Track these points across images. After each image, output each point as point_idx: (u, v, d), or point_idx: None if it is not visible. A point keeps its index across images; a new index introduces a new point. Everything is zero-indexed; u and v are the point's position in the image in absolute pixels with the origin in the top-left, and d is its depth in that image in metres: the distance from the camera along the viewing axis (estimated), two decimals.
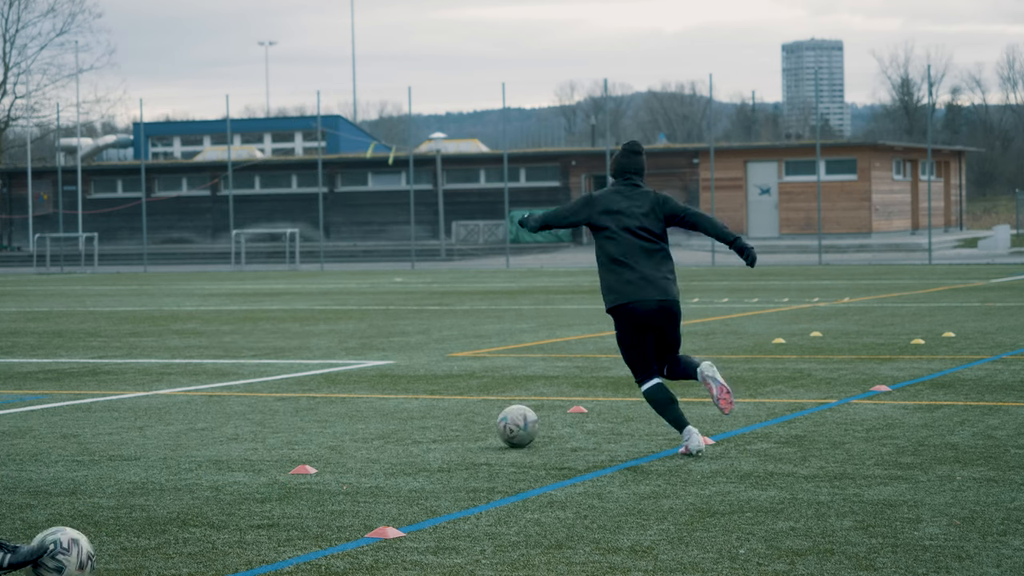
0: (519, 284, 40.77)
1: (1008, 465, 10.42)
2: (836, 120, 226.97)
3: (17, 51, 79.90)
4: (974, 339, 20.54)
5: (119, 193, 75.35)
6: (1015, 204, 78.63)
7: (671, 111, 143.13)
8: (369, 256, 65.97)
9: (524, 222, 11.60)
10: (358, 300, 33.71)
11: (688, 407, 13.80)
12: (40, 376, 17.60)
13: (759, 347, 19.89)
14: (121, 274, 56.78)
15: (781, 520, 8.68)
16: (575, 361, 18.34)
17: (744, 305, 29.27)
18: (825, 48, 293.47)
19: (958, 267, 48.20)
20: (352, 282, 44.26)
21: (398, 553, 8.02)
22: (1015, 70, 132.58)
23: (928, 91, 69.77)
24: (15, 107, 79.43)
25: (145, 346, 21.62)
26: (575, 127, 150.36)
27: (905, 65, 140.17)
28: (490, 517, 8.90)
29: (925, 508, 8.96)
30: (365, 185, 73.77)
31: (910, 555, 7.79)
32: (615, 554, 7.92)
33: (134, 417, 13.69)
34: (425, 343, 21.37)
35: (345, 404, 14.44)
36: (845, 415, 13.11)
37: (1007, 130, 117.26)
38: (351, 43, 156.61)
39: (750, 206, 67.69)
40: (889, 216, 68.76)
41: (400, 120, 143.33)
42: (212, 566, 7.83)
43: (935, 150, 74.07)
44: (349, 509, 9.23)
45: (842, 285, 36.99)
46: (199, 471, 10.71)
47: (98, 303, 34.28)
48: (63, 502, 9.57)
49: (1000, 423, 12.46)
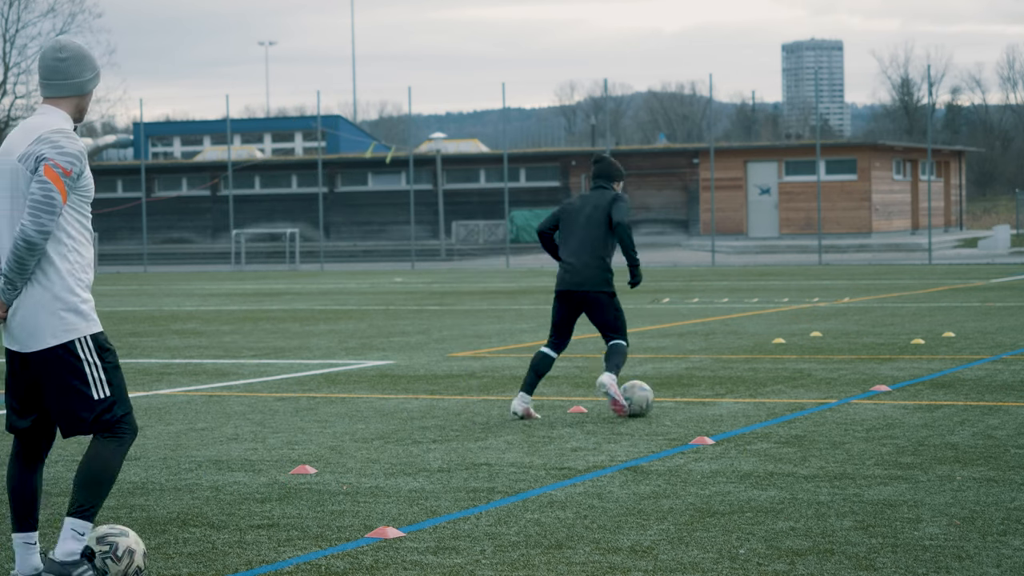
0: (519, 284, 40.77)
1: (1008, 465, 10.42)
2: (836, 120, 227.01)
3: (17, 51, 79.86)
4: (974, 339, 20.54)
5: (119, 193, 75.37)
6: (1015, 204, 78.64)
7: (671, 111, 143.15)
8: (369, 256, 65.98)
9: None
10: (358, 300, 33.71)
11: (688, 407, 13.81)
12: None
13: (759, 347, 19.89)
14: (121, 274, 56.79)
15: (781, 520, 8.68)
16: (575, 361, 18.34)
17: (744, 305, 29.27)
18: (825, 48, 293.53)
19: (958, 267, 48.21)
20: (352, 282, 44.26)
21: (398, 553, 8.02)
22: (1015, 70, 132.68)
23: (928, 91, 69.78)
24: (15, 107, 79.44)
25: (145, 346, 21.62)
26: (575, 127, 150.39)
27: (905, 65, 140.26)
28: (490, 517, 8.90)
29: (925, 508, 8.96)
30: (365, 185, 73.78)
31: (910, 555, 7.79)
32: (615, 554, 7.92)
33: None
34: (425, 343, 21.38)
35: (345, 404, 14.44)
36: (845, 415, 13.11)
37: (1007, 130, 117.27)
38: (351, 43, 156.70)
39: (750, 206, 67.69)
40: (889, 216, 68.76)
41: (400, 120, 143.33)
42: (212, 566, 7.83)
43: (935, 150, 74.08)
44: (349, 509, 9.23)
45: (842, 285, 37.00)
46: (199, 471, 10.71)
47: (98, 303, 34.19)
48: (63, 502, 9.57)
49: (1000, 423, 12.46)
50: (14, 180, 7.06)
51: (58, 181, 6.95)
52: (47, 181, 6.94)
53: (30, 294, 7.05)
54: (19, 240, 6.94)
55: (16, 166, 7.05)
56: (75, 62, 7.19)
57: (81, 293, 7.08)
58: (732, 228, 66.78)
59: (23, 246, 6.93)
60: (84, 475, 7.09)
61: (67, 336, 7.04)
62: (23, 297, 7.05)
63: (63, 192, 6.98)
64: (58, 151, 6.99)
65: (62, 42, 7.20)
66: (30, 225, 6.93)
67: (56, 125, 7.10)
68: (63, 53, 7.17)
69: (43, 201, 6.94)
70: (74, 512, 7.06)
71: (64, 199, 7.01)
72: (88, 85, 7.22)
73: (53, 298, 7.04)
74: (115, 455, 7.11)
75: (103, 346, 7.13)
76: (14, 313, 7.07)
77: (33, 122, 7.16)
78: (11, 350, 7.16)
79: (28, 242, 6.93)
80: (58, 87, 7.19)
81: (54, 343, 7.03)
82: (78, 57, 7.19)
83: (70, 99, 7.21)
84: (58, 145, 7.01)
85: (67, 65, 7.18)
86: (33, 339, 7.05)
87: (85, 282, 7.12)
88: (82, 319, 7.07)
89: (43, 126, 7.11)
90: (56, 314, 7.03)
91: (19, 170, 7.04)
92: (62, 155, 6.99)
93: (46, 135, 7.04)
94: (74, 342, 7.06)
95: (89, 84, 7.22)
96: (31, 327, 7.06)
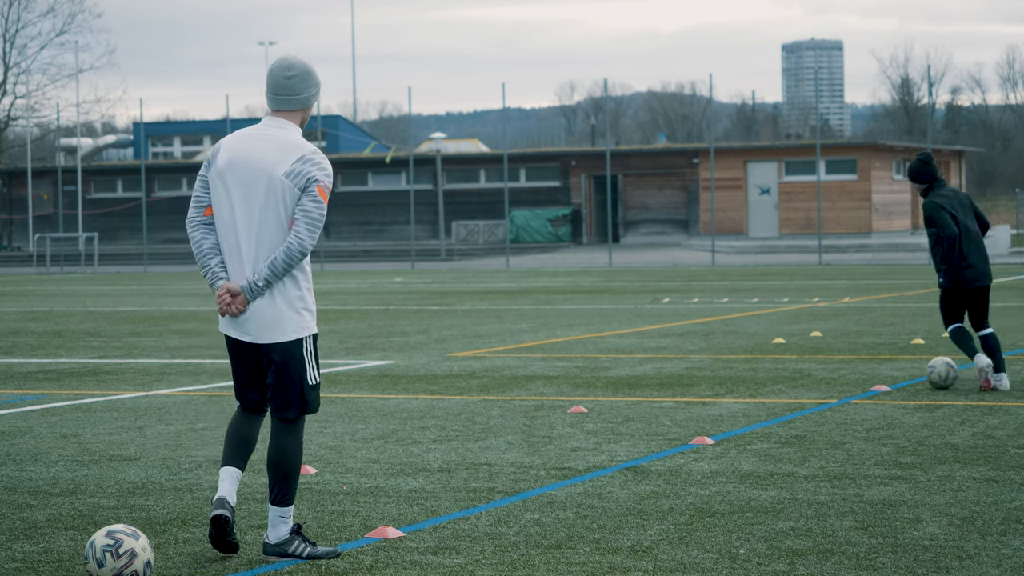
0: (519, 284, 40.78)
1: (1008, 465, 10.42)
2: (836, 120, 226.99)
3: (17, 51, 79.92)
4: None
5: (119, 193, 75.36)
6: (1015, 204, 78.66)
7: (671, 111, 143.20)
8: (369, 256, 65.97)
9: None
10: (358, 300, 33.72)
11: (688, 406, 13.81)
12: (40, 376, 17.60)
13: (759, 347, 19.89)
14: (121, 274, 56.80)
15: (781, 520, 8.69)
16: (575, 361, 18.34)
17: (744, 305, 29.27)
18: (825, 48, 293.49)
19: None
20: (352, 282, 44.27)
21: (398, 553, 8.02)
22: (1015, 70, 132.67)
23: (928, 91, 69.81)
24: (15, 107, 79.46)
25: (145, 346, 21.62)
26: (575, 127, 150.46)
27: (905, 65, 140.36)
28: (490, 517, 8.91)
29: (925, 508, 8.96)
30: (365, 185, 73.77)
31: (910, 555, 7.79)
32: (615, 554, 7.92)
33: (134, 417, 13.70)
34: (425, 343, 21.38)
35: (345, 404, 14.44)
36: (845, 415, 13.11)
37: (1007, 130, 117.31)
38: (351, 43, 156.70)
39: (750, 206, 67.70)
40: (889, 216, 68.77)
41: (400, 120, 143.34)
42: (212, 566, 7.83)
43: (935, 150, 74.07)
44: (349, 509, 9.23)
45: (842, 285, 37.00)
46: (199, 471, 10.71)
47: (98, 303, 34.28)
48: (63, 502, 9.57)
49: (1000, 423, 12.47)
50: (273, 192, 7.81)
51: (326, 199, 7.83)
52: (321, 201, 7.80)
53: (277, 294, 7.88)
54: (295, 251, 7.76)
55: (282, 181, 7.80)
56: (301, 79, 7.94)
57: (310, 296, 7.98)
58: (732, 228, 66.78)
59: (298, 255, 7.78)
60: (277, 464, 7.94)
61: (302, 333, 7.90)
62: (269, 295, 7.87)
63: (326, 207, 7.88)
64: (325, 173, 7.83)
65: (289, 60, 7.96)
66: (308, 237, 7.78)
67: (308, 144, 7.88)
68: (291, 72, 7.92)
69: (318, 218, 7.80)
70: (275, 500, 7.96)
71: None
72: (312, 100, 8.00)
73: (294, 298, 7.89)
74: (300, 441, 7.99)
75: (317, 344, 8.03)
76: (255, 309, 7.88)
77: (278, 136, 7.89)
78: (238, 339, 7.96)
79: (303, 252, 7.79)
80: (288, 102, 7.95)
81: (292, 338, 7.88)
82: (304, 74, 7.94)
83: (296, 112, 7.98)
84: (323, 168, 7.84)
85: (294, 83, 7.93)
86: (272, 333, 7.87)
87: (311, 282, 8.00)
88: (312, 319, 7.97)
89: (298, 144, 7.85)
90: (295, 313, 7.89)
91: (285, 186, 7.80)
92: (327, 176, 7.85)
93: (309, 156, 7.82)
94: (304, 339, 7.92)
95: (312, 99, 8.01)
96: (270, 322, 7.87)
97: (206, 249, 7.94)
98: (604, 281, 40.92)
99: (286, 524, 7.95)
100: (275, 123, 7.93)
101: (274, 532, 7.94)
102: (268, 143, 7.85)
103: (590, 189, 70.48)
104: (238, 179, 7.83)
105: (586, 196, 70.31)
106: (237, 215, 7.84)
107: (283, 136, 7.87)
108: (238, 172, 7.84)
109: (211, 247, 7.94)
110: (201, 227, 7.98)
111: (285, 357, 7.89)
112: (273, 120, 7.95)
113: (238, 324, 7.93)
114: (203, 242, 7.96)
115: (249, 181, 7.81)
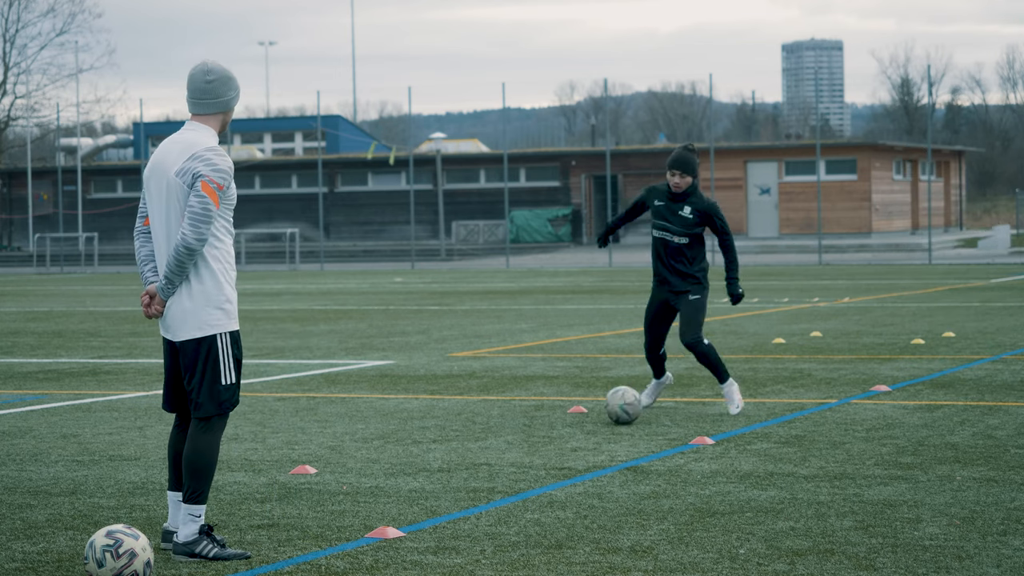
0: (519, 284, 40.78)
1: (1008, 465, 10.42)
2: (836, 120, 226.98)
3: (17, 51, 79.92)
4: (974, 339, 20.54)
5: (119, 193, 75.37)
6: (1015, 204, 78.64)
7: (671, 111, 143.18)
8: (369, 256, 65.96)
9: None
10: (358, 300, 33.72)
11: (688, 406, 13.81)
12: (40, 376, 17.60)
13: (759, 347, 19.89)
14: (121, 274, 56.78)
15: (781, 520, 8.69)
16: (575, 361, 18.34)
17: (744, 305, 29.27)
18: (825, 48, 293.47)
19: (958, 267, 48.21)
20: (352, 282, 44.27)
21: (398, 553, 8.02)
22: (1015, 70, 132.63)
23: (928, 91, 69.74)
24: (15, 107, 79.46)
25: (145, 346, 21.61)
26: (575, 127, 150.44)
27: (905, 65, 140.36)
28: (490, 517, 8.91)
29: (925, 508, 8.96)
30: (365, 185, 73.78)
31: (910, 555, 7.79)
32: (615, 554, 7.93)
33: (134, 417, 13.70)
34: (425, 343, 21.37)
35: (345, 404, 14.44)
36: (845, 415, 13.11)
37: (1007, 130, 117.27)
38: (351, 43, 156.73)
39: (750, 206, 67.70)
40: (889, 216, 68.77)
41: (400, 120, 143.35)
42: (212, 566, 7.83)
43: (935, 150, 74.08)
44: (349, 509, 9.24)
45: (842, 285, 37.00)
46: None
47: (98, 303, 34.28)
48: (63, 502, 9.58)
49: (1000, 423, 12.47)
50: (170, 193, 8.03)
51: (213, 195, 7.93)
52: (204, 195, 7.94)
53: (185, 291, 8.03)
54: (180, 246, 7.92)
55: (173, 180, 8.01)
56: (221, 83, 8.14)
57: (228, 293, 8.08)
58: (732, 228, 66.71)
59: (184, 251, 7.93)
60: (189, 463, 8.03)
61: (215, 330, 8.03)
62: (179, 293, 8.03)
63: (216, 204, 7.97)
64: (212, 168, 7.96)
65: (209, 65, 8.14)
66: (191, 233, 7.91)
67: (207, 143, 8.05)
68: (210, 76, 8.12)
69: (201, 213, 7.93)
70: (187, 498, 8.02)
71: (217, 208, 7.98)
72: (231, 103, 8.19)
73: (204, 295, 8.01)
74: (214, 441, 8.06)
75: (237, 343, 8.12)
76: (169, 307, 8.06)
77: (186, 138, 8.10)
78: (166, 338, 8.17)
79: (188, 248, 7.92)
80: (206, 105, 8.14)
81: (199, 335, 8.01)
82: (223, 79, 8.14)
83: (216, 115, 8.17)
84: (211, 163, 7.97)
85: (214, 86, 8.13)
86: (182, 330, 8.03)
87: (232, 278, 8.12)
88: (225, 317, 8.07)
89: (196, 143, 8.04)
90: (205, 310, 8.03)
91: (176, 184, 8.00)
92: (215, 172, 7.96)
93: (200, 153, 8.00)
94: (218, 336, 8.04)
95: (232, 102, 8.19)
96: (180, 319, 8.03)
97: (143, 257, 8.24)
98: (604, 281, 40.92)
99: (195, 523, 7.98)
100: (191, 126, 8.16)
101: (183, 531, 7.99)
102: (176, 146, 8.09)
103: (590, 189, 70.48)
104: (154, 184, 8.13)
105: (586, 196, 70.32)
106: (155, 219, 8.13)
107: (191, 138, 8.08)
108: (154, 178, 8.13)
109: (147, 255, 8.23)
110: (140, 236, 8.29)
111: (197, 355, 8.03)
112: (191, 124, 8.17)
113: (163, 323, 8.17)
114: (141, 250, 8.27)
115: (160, 185, 8.09)
